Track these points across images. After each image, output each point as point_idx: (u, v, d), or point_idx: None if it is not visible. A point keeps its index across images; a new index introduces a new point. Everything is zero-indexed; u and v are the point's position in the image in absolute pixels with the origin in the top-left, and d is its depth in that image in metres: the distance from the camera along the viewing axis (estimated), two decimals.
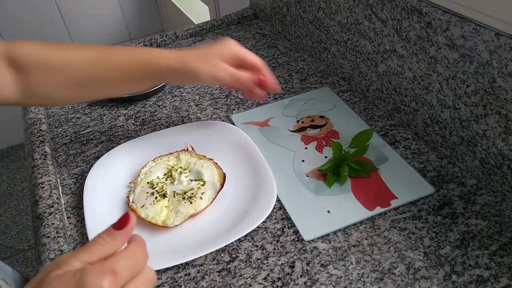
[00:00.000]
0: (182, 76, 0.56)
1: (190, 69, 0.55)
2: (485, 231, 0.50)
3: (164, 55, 0.56)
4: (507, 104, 0.48)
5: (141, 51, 0.58)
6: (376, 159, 0.61)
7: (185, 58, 0.55)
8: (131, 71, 0.56)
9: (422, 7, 0.54)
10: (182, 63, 0.55)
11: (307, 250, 0.51)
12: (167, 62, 0.55)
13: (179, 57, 0.55)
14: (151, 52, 0.57)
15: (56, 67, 0.54)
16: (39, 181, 0.62)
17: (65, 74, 0.55)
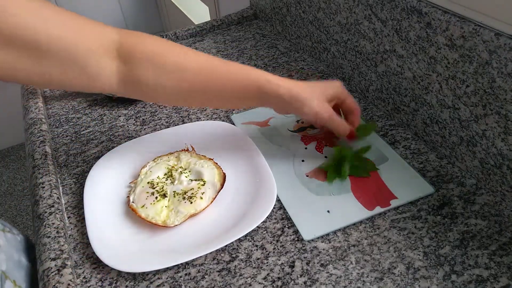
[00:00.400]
0: (285, 106, 0.56)
1: (298, 101, 0.54)
2: (484, 231, 0.50)
3: (276, 82, 0.54)
4: (507, 104, 0.48)
5: (252, 69, 0.56)
6: (376, 159, 0.61)
7: (294, 89, 0.54)
8: (241, 87, 0.55)
9: (422, 7, 0.54)
10: (291, 96, 0.54)
11: (307, 249, 0.51)
12: (278, 90, 0.54)
13: (288, 88, 0.54)
14: (262, 74, 0.55)
15: (169, 69, 0.53)
16: (39, 181, 0.62)
17: (176, 80, 0.53)
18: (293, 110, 0.56)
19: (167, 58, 0.53)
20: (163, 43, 0.54)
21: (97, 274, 0.51)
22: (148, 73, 0.52)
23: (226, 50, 0.93)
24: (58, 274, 0.50)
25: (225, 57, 0.90)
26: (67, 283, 0.49)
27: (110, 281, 0.50)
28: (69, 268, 0.50)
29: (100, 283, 0.50)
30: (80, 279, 0.50)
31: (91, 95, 0.82)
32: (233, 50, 0.93)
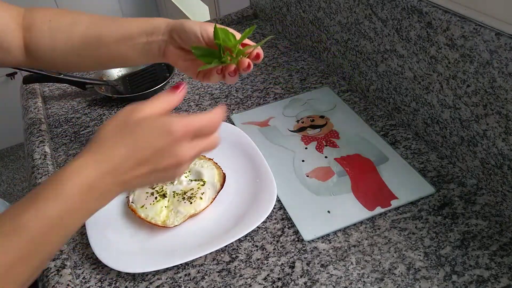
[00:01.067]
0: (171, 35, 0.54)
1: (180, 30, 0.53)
2: (485, 231, 0.50)
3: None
4: (508, 104, 0.48)
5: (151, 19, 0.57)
6: (376, 159, 0.61)
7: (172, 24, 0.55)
8: (140, 27, 0.55)
9: (423, 7, 0.54)
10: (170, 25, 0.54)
11: (307, 250, 0.50)
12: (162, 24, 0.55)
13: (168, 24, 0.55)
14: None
15: (62, 28, 0.56)
16: (39, 181, 0.62)
17: (68, 33, 0.56)
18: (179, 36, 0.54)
19: (62, 19, 0.57)
20: (61, 10, 0.59)
21: (97, 274, 0.51)
22: (44, 35, 0.56)
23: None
24: (57, 274, 0.49)
25: None
26: (67, 284, 0.48)
27: (110, 282, 0.50)
28: (69, 268, 0.50)
29: (100, 284, 0.49)
30: (80, 279, 0.50)
31: (90, 95, 0.82)
32: None
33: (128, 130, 0.39)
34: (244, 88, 0.80)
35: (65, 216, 0.35)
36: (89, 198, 0.37)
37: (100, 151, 0.38)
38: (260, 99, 0.76)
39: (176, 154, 0.39)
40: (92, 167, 0.36)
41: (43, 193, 0.35)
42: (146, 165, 0.38)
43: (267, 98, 0.76)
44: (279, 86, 0.79)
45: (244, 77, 0.82)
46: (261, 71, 0.84)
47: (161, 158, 0.39)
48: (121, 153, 0.37)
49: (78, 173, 0.36)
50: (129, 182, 0.39)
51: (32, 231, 0.34)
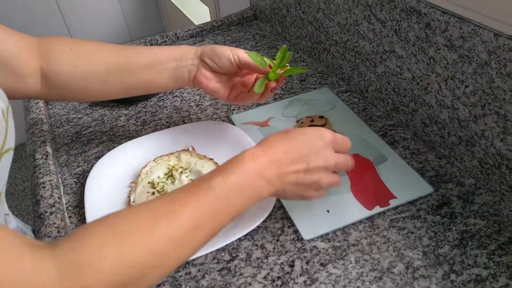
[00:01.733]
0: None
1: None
2: (483, 231, 0.50)
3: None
4: (506, 104, 0.48)
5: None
6: (375, 159, 0.61)
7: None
8: (167, 55, 0.57)
9: (421, 8, 0.55)
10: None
11: (307, 249, 0.51)
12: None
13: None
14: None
15: (84, 54, 0.56)
16: (40, 181, 0.62)
17: (91, 61, 0.56)
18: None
19: (84, 45, 0.57)
20: (82, 39, 0.58)
21: None
22: (64, 61, 0.55)
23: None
24: None
25: None
26: None
27: None
28: None
29: None
30: None
31: None
32: None
33: (287, 135, 0.46)
34: None
35: (241, 188, 0.42)
36: (259, 178, 0.43)
37: (266, 144, 0.45)
38: None
39: (326, 156, 0.46)
40: (263, 156, 0.44)
41: (230, 167, 0.43)
42: (301, 162, 0.45)
43: None
44: None
45: None
46: None
47: (313, 157, 0.45)
48: (282, 149, 0.45)
49: (253, 158, 0.44)
50: (285, 177, 0.45)
51: (218, 192, 0.41)
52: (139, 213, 0.38)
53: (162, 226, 0.37)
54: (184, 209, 0.39)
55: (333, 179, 0.48)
